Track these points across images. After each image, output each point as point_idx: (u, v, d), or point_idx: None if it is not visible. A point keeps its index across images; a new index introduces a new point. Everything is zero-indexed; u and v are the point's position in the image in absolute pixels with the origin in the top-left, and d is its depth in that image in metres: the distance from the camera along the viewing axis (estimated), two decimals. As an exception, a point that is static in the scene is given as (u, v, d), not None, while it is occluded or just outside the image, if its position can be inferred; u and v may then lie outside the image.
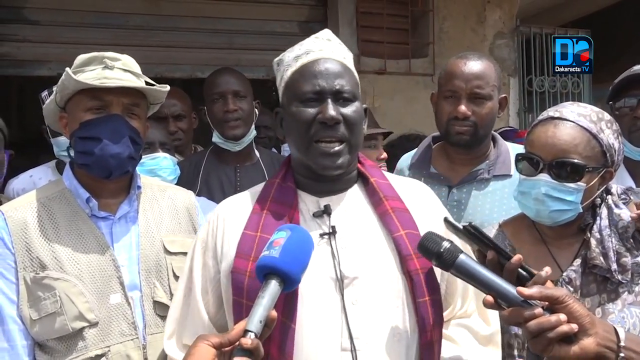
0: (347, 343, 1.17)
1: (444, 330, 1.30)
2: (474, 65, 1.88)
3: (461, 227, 1.19)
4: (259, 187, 1.37)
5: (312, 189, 1.31)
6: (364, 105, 1.34)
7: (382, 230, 1.27)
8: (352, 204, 1.30)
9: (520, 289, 1.05)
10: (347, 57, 1.32)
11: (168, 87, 1.54)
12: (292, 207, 1.27)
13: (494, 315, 1.34)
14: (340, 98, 1.24)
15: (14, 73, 3.93)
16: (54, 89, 1.51)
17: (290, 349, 1.15)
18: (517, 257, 1.15)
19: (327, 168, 1.25)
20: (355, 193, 1.33)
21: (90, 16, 3.95)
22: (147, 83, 1.52)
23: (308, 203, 1.30)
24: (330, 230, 1.25)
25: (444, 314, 1.30)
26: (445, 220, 1.21)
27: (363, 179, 1.34)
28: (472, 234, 1.18)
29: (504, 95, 1.97)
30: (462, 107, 1.85)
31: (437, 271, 1.27)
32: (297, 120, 1.25)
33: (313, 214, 1.28)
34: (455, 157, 1.98)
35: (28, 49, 3.80)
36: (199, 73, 4.14)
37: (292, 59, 1.30)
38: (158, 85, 1.52)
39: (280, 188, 1.30)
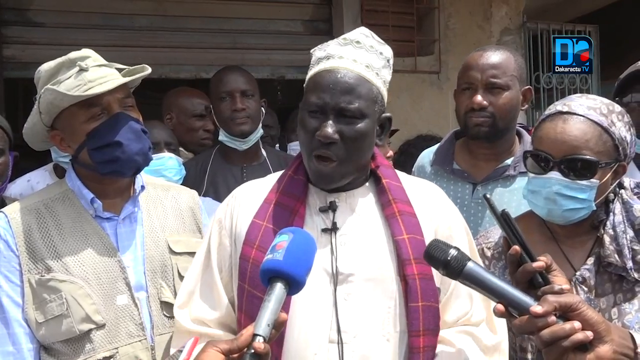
0: (335, 335, 1.21)
1: (445, 335, 1.29)
2: (491, 56, 1.86)
3: (499, 212, 1.14)
4: (277, 176, 1.40)
5: (319, 187, 1.32)
6: (386, 115, 1.33)
7: (386, 232, 1.28)
8: (359, 203, 1.32)
9: (533, 309, 1.01)
10: (373, 63, 1.28)
11: (149, 70, 1.49)
12: (300, 200, 1.30)
13: (500, 323, 1.32)
14: (344, 115, 1.23)
15: (20, 75, 3.93)
16: (35, 109, 1.44)
17: (280, 337, 1.18)
18: (539, 264, 1.10)
19: (320, 184, 1.29)
20: (365, 192, 1.34)
21: (96, 18, 3.96)
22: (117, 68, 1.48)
23: (316, 197, 1.32)
24: (332, 227, 1.27)
25: (447, 317, 1.30)
26: (485, 197, 1.15)
27: (376, 179, 1.35)
28: (506, 222, 1.15)
29: (528, 87, 1.93)
30: (478, 97, 1.82)
31: (439, 276, 1.26)
32: (301, 129, 1.28)
33: (319, 209, 1.30)
34: (479, 152, 1.93)
35: (33, 51, 3.81)
36: (203, 73, 4.14)
37: (316, 60, 1.30)
38: (141, 72, 1.48)
39: (292, 180, 1.34)
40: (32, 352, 1.37)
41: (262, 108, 2.42)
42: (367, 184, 1.35)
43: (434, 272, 1.26)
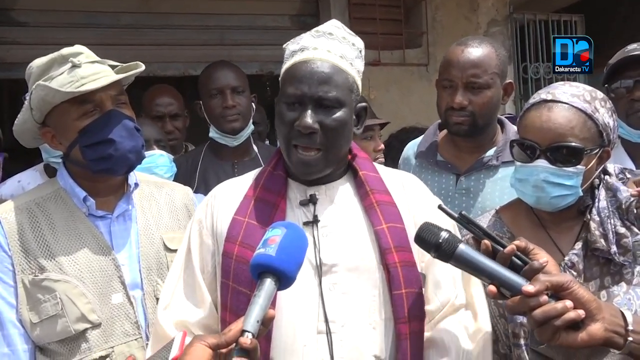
0: (323, 326, 1.23)
1: (433, 334, 1.30)
2: (472, 53, 1.83)
3: (456, 216, 1.17)
4: (255, 173, 1.41)
5: (301, 178, 1.33)
6: (362, 104, 1.34)
7: (366, 223, 1.30)
8: (338, 195, 1.33)
9: (525, 288, 1.02)
10: (346, 54, 1.29)
11: (143, 67, 1.48)
12: (280, 195, 1.31)
13: (482, 309, 1.34)
14: (323, 105, 1.24)
15: (4, 76, 3.89)
16: (26, 106, 1.43)
17: (268, 332, 1.19)
18: (510, 248, 1.13)
19: (302, 174, 1.29)
20: (344, 185, 1.36)
21: (81, 16, 3.92)
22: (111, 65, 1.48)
23: (296, 191, 1.34)
24: (313, 219, 1.28)
25: (430, 307, 1.31)
26: (440, 207, 1.19)
27: (353, 171, 1.37)
28: (466, 222, 1.18)
29: (509, 81, 1.92)
30: (458, 98, 1.81)
31: (423, 262, 1.29)
32: (279, 121, 1.29)
33: (299, 202, 1.31)
34: (462, 144, 1.94)
35: (18, 51, 3.75)
36: (191, 70, 4.12)
37: (290, 53, 1.31)
38: (134, 70, 1.47)
39: (271, 176, 1.35)
40: (27, 353, 1.37)
41: (252, 103, 2.41)
42: (345, 176, 1.37)
43: (416, 259, 1.28)
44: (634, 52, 1.98)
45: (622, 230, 1.33)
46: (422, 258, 1.31)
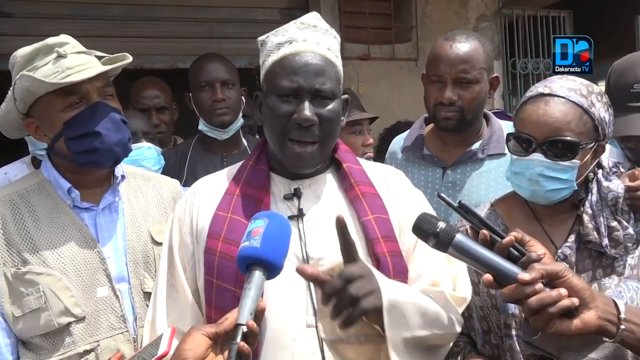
0: (312, 320, 1.22)
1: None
2: (460, 48, 1.83)
3: (456, 205, 1.20)
4: (235, 168, 1.39)
5: (284, 172, 1.33)
6: (344, 96, 1.35)
7: (351, 215, 1.29)
8: (323, 188, 1.33)
9: (521, 276, 1.04)
10: (332, 46, 1.30)
11: (130, 58, 1.46)
12: (263, 190, 1.30)
13: (464, 278, 1.33)
14: (319, 97, 1.24)
15: (-11, 67, 3.83)
16: (9, 96, 1.40)
17: (257, 326, 1.16)
18: (508, 239, 1.14)
19: (299, 167, 1.28)
20: (328, 178, 1.36)
21: (68, 7, 3.86)
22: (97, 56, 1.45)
23: (280, 186, 1.33)
24: (298, 213, 1.27)
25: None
26: (439, 196, 1.21)
27: (336, 164, 1.36)
28: (465, 211, 1.20)
29: (495, 75, 1.93)
30: (448, 93, 1.82)
31: (406, 252, 1.30)
32: (273, 115, 1.26)
33: (283, 197, 1.31)
34: (448, 138, 1.95)
35: (3, 42, 3.69)
36: (180, 63, 4.09)
37: (274, 46, 1.29)
38: (122, 61, 1.44)
39: (253, 170, 1.33)
40: (9, 347, 1.35)
41: (242, 97, 2.40)
42: (329, 169, 1.37)
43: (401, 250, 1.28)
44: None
45: (614, 223, 1.34)
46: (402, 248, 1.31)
